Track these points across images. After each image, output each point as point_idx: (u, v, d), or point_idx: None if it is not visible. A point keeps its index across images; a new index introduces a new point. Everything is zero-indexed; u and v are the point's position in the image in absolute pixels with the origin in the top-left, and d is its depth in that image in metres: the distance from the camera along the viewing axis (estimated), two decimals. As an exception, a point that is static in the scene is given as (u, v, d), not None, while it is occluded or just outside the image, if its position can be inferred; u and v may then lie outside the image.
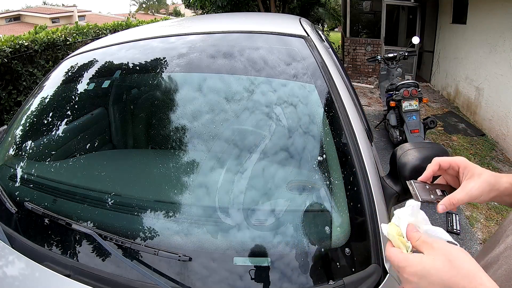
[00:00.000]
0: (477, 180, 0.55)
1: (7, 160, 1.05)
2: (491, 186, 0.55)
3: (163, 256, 0.67)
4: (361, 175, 0.76)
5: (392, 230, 0.48)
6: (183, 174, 0.83)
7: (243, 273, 0.66)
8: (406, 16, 7.02)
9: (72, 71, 1.19)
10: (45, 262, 0.72)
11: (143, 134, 1.02)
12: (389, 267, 0.65)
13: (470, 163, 0.57)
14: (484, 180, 0.55)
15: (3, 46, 3.60)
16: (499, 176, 0.57)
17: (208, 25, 1.35)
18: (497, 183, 0.56)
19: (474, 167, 0.56)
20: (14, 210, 0.87)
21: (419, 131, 3.07)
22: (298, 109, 0.89)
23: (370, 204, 0.72)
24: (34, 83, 3.92)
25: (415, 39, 3.94)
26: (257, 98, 0.91)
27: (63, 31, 4.53)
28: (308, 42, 1.03)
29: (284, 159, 0.81)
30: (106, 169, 0.94)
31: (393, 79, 3.75)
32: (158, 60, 1.05)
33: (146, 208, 0.79)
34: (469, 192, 0.55)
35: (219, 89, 0.94)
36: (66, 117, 1.07)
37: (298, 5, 9.08)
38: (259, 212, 0.74)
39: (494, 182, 0.56)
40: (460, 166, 0.58)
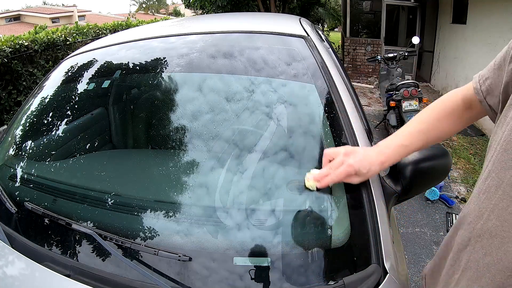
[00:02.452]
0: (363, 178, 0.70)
1: (7, 160, 1.05)
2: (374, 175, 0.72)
3: (163, 256, 0.67)
4: (361, 175, 0.76)
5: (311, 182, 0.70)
6: (183, 174, 0.83)
7: (243, 273, 0.66)
8: (406, 16, 7.02)
9: (72, 71, 1.19)
10: (45, 262, 0.72)
11: (143, 134, 1.02)
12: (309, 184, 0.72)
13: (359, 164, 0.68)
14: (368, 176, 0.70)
15: (3, 46, 3.60)
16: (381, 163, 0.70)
17: (208, 25, 1.35)
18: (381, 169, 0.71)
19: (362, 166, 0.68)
20: (14, 210, 0.87)
21: (419, 131, 3.06)
22: (298, 109, 0.89)
23: (370, 204, 0.72)
24: (34, 83, 3.92)
25: (415, 39, 3.94)
26: (257, 98, 0.91)
27: (63, 31, 4.53)
28: (308, 42, 1.03)
29: (284, 159, 0.81)
30: (106, 169, 0.94)
31: (393, 79, 3.75)
32: (158, 60, 1.05)
33: (146, 208, 0.79)
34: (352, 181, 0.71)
35: (219, 89, 0.94)
36: (66, 117, 1.07)
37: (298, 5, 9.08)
38: (259, 212, 0.74)
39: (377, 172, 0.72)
40: (340, 153, 0.71)
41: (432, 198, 2.67)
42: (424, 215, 2.54)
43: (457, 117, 0.70)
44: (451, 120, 0.70)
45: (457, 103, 0.70)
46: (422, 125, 0.71)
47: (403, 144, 0.71)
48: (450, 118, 0.70)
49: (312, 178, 0.70)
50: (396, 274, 0.66)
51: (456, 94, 0.70)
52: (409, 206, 2.64)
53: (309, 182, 0.70)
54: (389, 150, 0.71)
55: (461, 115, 0.70)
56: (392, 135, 0.73)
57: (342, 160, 0.69)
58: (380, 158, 0.70)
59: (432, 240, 2.27)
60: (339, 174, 0.68)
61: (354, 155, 0.69)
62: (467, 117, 0.70)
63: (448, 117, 0.70)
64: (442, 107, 0.72)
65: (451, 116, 0.70)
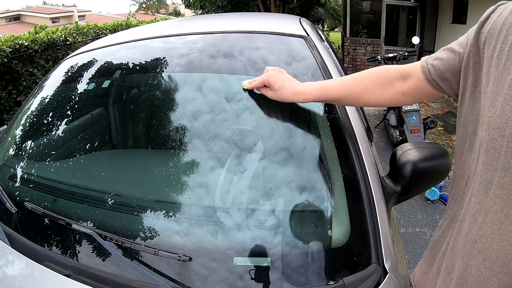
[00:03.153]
0: (273, 92, 0.79)
1: (7, 160, 1.05)
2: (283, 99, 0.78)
3: (163, 256, 0.67)
4: (361, 175, 0.76)
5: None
6: (183, 174, 0.83)
7: (243, 273, 0.66)
8: (406, 16, 7.02)
9: (72, 71, 1.19)
10: (45, 262, 0.72)
11: (143, 134, 1.02)
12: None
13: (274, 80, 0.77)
14: (278, 94, 0.77)
15: (3, 46, 3.60)
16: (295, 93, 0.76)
17: (208, 25, 1.35)
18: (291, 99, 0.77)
19: (274, 83, 0.77)
20: (14, 210, 0.87)
21: (419, 131, 3.07)
22: (298, 109, 0.89)
23: (370, 204, 0.72)
24: (34, 83, 3.92)
25: (415, 39, 3.94)
26: (257, 98, 0.91)
27: (63, 31, 4.53)
28: (308, 42, 1.03)
29: (284, 159, 0.81)
30: (106, 169, 0.94)
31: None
32: (158, 60, 1.05)
33: (146, 208, 0.79)
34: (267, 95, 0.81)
35: (219, 89, 0.94)
36: (66, 117, 1.07)
37: (298, 5, 9.08)
38: (259, 212, 0.74)
39: (286, 98, 0.77)
40: (265, 83, 0.79)
41: (432, 198, 2.67)
42: (424, 215, 2.54)
43: (387, 83, 0.70)
44: (380, 84, 0.70)
45: (392, 71, 0.70)
46: (348, 79, 0.74)
47: (323, 86, 0.75)
48: (379, 82, 0.70)
49: (246, 82, 0.86)
50: (396, 274, 0.66)
51: (394, 67, 0.71)
52: (409, 206, 2.64)
53: (245, 82, 0.86)
54: (308, 86, 0.76)
55: (392, 83, 0.69)
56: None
57: (267, 71, 0.80)
58: (297, 87, 0.76)
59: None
60: (257, 80, 0.81)
61: (278, 72, 0.78)
62: (399, 88, 0.69)
63: (377, 80, 0.71)
64: (375, 70, 0.73)
65: (381, 80, 0.70)
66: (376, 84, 0.71)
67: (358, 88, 0.72)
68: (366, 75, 0.73)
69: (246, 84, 0.86)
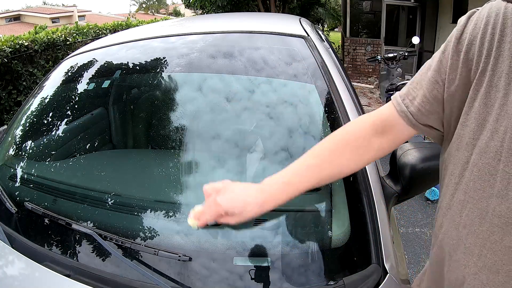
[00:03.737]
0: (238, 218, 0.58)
1: (7, 160, 1.05)
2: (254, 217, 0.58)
3: (163, 256, 0.67)
4: (361, 175, 0.76)
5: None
6: (183, 174, 0.83)
7: (243, 273, 0.66)
8: (406, 16, 7.02)
9: (72, 71, 1.19)
10: (45, 262, 0.72)
11: (143, 134, 1.02)
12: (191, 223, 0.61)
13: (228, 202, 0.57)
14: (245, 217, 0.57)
15: (3, 46, 3.60)
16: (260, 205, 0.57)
17: (208, 25, 1.35)
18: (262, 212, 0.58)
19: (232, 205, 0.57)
20: (14, 210, 0.87)
21: (419, 131, 3.07)
22: (298, 109, 0.89)
23: (370, 204, 0.72)
24: (34, 83, 3.92)
25: (415, 39, 3.94)
26: (257, 98, 0.91)
27: (63, 31, 4.53)
28: (308, 42, 1.03)
29: (284, 159, 0.81)
30: (106, 169, 0.94)
31: (393, 79, 3.74)
32: (158, 60, 1.05)
33: (146, 208, 0.79)
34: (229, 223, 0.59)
35: (219, 89, 0.94)
36: (66, 117, 1.07)
37: (298, 5, 9.08)
38: (259, 212, 0.74)
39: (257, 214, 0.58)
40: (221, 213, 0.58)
41: (432, 198, 2.67)
42: (424, 215, 2.54)
43: (363, 147, 0.59)
44: (354, 151, 0.59)
45: (362, 131, 0.59)
46: (313, 160, 0.59)
47: (289, 182, 0.58)
48: (353, 149, 0.59)
49: (193, 216, 0.61)
50: (396, 274, 0.66)
51: (362, 121, 0.61)
52: (409, 206, 2.64)
53: (191, 220, 0.61)
54: (271, 189, 0.58)
55: (368, 144, 0.59)
56: (282, 170, 0.60)
57: (214, 198, 0.58)
58: (260, 197, 0.57)
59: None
60: (210, 214, 0.58)
61: (225, 193, 0.58)
62: (378, 146, 0.59)
63: (350, 148, 0.59)
64: (341, 137, 0.60)
65: (354, 146, 0.59)
66: (349, 155, 0.59)
67: (330, 168, 0.59)
68: (334, 148, 0.59)
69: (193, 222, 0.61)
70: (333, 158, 0.59)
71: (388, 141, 0.59)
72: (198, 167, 0.84)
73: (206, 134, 0.88)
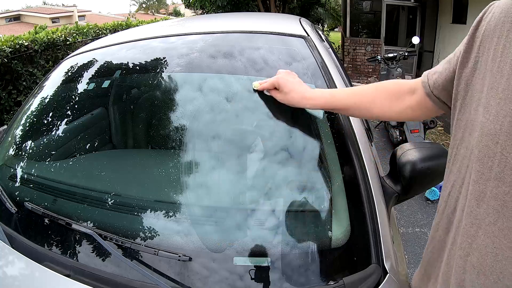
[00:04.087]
0: (282, 95, 0.78)
1: (7, 160, 1.05)
2: (292, 104, 0.78)
3: (163, 256, 0.67)
4: (361, 175, 0.76)
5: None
6: (183, 174, 0.83)
7: (243, 273, 0.66)
8: (406, 16, 7.02)
9: (72, 71, 1.19)
10: (45, 262, 0.72)
11: (143, 134, 1.02)
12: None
13: (284, 83, 0.77)
14: (286, 98, 0.77)
15: (3, 46, 3.60)
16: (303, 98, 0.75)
17: (208, 25, 1.35)
18: (298, 104, 0.77)
19: (284, 86, 0.77)
20: (14, 210, 0.87)
21: (419, 131, 3.07)
22: (298, 109, 0.89)
23: (370, 204, 0.72)
24: (34, 83, 3.92)
25: (415, 39, 3.95)
26: (257, 98, 0.91)
27: (63, 31, 4.53)
28: (308, 42, 1.03)
29: (284, 159, 0.81)
30: (106, 169, 0.94)
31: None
32: (158, 60, 1.05)
33: (146, 208, 0.79)
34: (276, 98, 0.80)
35: (219, 89, 0.94)
36: (66, 117, 1.07)
37: (298, 5, 9.09)
38: (259, 212, 0.74)
39: (294, 103, 0.77)
40: (275, 85, 0.79)
41: (432, 198, 2.67)
42: (424, 215, 2.55)
43: (397, 97, 0.69)
44: (389, 97, 0.70)
45: (402, 85, 0.70)
46: (358, 89, 0.75)
47: (332, 95, 0.75)
48: (388, 95, 0.70)
49: (256, 83, 0.85)
50: (396, 274, 0.66)
51: (406, 81, 0.71)
52: (409, 206, 2.64)
53: (256, 83, 0.86)
54: (317, 92, 0.77)
55: (402, 97, 0.69)
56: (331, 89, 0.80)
57: (277, 75, 0.80)
58: (306, 93, 0.75)
59: (432, 240, 2.26)
60: (268, 81, 0.81)
61: (289, 75, 0.79)
62: (408, 103, 0.68)
63: (387, 93, 0.70)
64: (385, 83, 0.72)
65: (391, 93, 0.70)
66: (385, 97, 0.70)
67: (367, 100, 0.72)
68: (376, 87, 0.72)
69: (256, 85, 0.85)
70: (372, 94, 0.72)
71: (415, 103, 0.67)
72: (198, 167, 0.84)
73: (206, 134, 0.88)
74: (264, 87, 0.82)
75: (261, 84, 0.84)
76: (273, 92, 0.81)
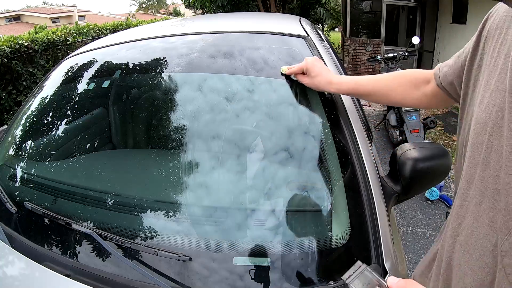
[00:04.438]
0: (309, 79, 0.82)
1: (7, 160, 1.05)
2: (317, 87, 0.82)
3: (163, 256, 0.67)
4: (361, 175, 0.76)
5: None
6: (183, 174, 0.83)
7: (243, 273, 0.66)
8: (406, 16, 7.02)
9: (72, 71, 1.19)
10: (45, 262, 0.72)
11: (143, 134, 1.02)
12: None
13: (312, 67, 0.81)
14: (313, 81, 0.82)
15: (3, 46, 3.60)
16: (328, 82, 0.80)
17: (208, 25, 1.35)
18: (324, 87, 0.81)
19: (312, 70, 0.81)
20: (14, 210, 0.87)
21: (419, 131, 3.07)
22: (298, 109, 0.89)
23: (370, 204, 0.72)
24: (34, 83, 3.92)
25: (415, 39, 3.94)
26: (257, 98, 0.91)
27: (63, 31, 4.53)
28: (308, 42, 1.03)
29: (284, 159, 0.81)
30: (106, 169, 0.94)
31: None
32: (158, 60, 1.05)
33: (146, 208, 0.79)
34: (302, 81, 0.84)
35: (219, 89, 0.94)
36: (66, 117, 1.07)
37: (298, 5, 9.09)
38: (259, 212, 0.74)
39: (320, 86, 0.81)
40: (303, 69, 0.83)
41: (432, 198, 2.67)
42: (424, 215, 2.55)
43: (413, 84, 0.74)
44: (406, 85, 0.76)
45: (420, 74, 0.75)
46: (380, 77, 0.80)
47: (356, 81, 0.80)
48: (406, 83, 0.75)
49: (285, 68, 0.89)
50: (396, 274, 0.66)
51: (423, 71, 0.75)
52: (409, 206, 2.64)
53: (284, 68, 0.89)
54: (342, 78, 0.82)
55: (418, 85, 0.74)
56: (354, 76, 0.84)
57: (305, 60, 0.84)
58: (332, 77, 0.80)
59: (432, 240, 2.27)
60: (296, 66, 0.85)
61: (316, 61, 0.83)
62: (423, 90, 0.73)
63: (405, 81, 0.76)
64: (404, 72, 0.78)
65: (408, 81, 0.75)
66: (405, 84, 0.76)
67: (388, 87, 0.77)
68: (395, 76, 0.78)
69: (284, 69, 0.88)
70: (392, 81, 0.77)
71: (430, 91, 0.71)
72: (197, 167, 0.84)
73: (206, 134, 0.88)
74: (293, 71, 0.86)
75: (289, 69, 0.87)
76: (300, 76, 0.85)
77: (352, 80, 0.81)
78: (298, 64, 0.85)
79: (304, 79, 0.84)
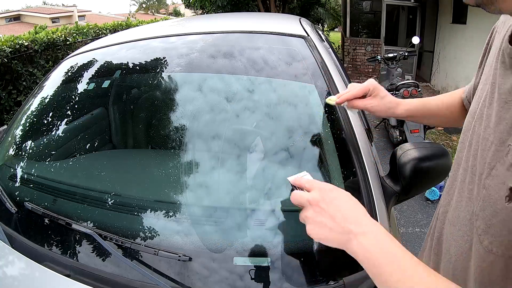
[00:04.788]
0: (378, 100, 0.72)
1: (7, 160, 1.05)
2: (387, 109, 0.74)
3: (163, 256, 0.67)
4: (361, 175, 0.76)
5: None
6: (183, 174, 0.83)
7: (243, 273, 0.66)
8: (406, 16, 7.02)
9: (72, 71, 1.19)
10: (45, 262, 0.72)
11: (143, 134, 1.02)
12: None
13: (378, 86, 0.73)
14: (383, 102, 0.73)
15: (3, 46, 3.60)
16: (397, 102, 0.74)
17: (208, 25, 1.35)
18: (394, 108, 0.74)
19: (380, 90, 0.73)
20: (14, 210, 0.87)
21: (419, 131, 3.07)
22: (298, 109, 0.89)
23: (370, 204, 0.72)
24: (34, 83, 3.92)
25: (415, 39, 3.94)
26: (257, 98, 0.91)
27: (63, 31, 4.53)
28: (308, 42, 1.03)
29: (284, 159, 0.81)
30: (106, 169, 0.94)
31: (393, 79, 3.74)
32: (158, 60, 1.05)
33: (146, 208, 0.79)
34: (367, 105, 0.73)
35: (219, 89, 0.94)
36: (66, 117, 1.07)
37: (298, 5, 9.09)
38: (259, 212, 0.74)
39: (391, 106, 0.74)
40: (370, 88, 0.72)
41: (432, 198, 2.67)
42: (424, 215, 2.54)
43: (455, 108, 0.75)
44: (450, 109, 0.76)
45: (457, 98, 0.75)
46: (432, 101, 0.78)
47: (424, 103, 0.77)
48: (449, 107, 0.76)
49: (333, 97, 0.74)
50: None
51: (460, 91, 0.76)
52: (409, 206, 2.64)
53: (330, 99, 0.74)
54: (408, 101, 0.77)
55: (458, 109, 0.75)
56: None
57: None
58: (398, 101, 0.75)
59: (432, 240, 2.26)
60: (358, 89, 0.72)
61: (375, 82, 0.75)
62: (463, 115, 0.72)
63: (449, 105, 0.76)
64: (448, 95, 0.78)
65: (450, 105, 0.76)
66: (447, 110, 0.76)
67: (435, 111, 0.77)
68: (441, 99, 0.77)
69: (333, 99, 0.73)
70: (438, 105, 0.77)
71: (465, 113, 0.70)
72: (197, 167, 0.84)
73: (206, 134, 0.88)
74: (352, 94, 0.72)
75: (339, 98, 0.72)
76: (361, 101, 0.72)
77: (422, 102, 0.77)
78: (359, 86, 0.72)
79: (371, 102, 0.72)
